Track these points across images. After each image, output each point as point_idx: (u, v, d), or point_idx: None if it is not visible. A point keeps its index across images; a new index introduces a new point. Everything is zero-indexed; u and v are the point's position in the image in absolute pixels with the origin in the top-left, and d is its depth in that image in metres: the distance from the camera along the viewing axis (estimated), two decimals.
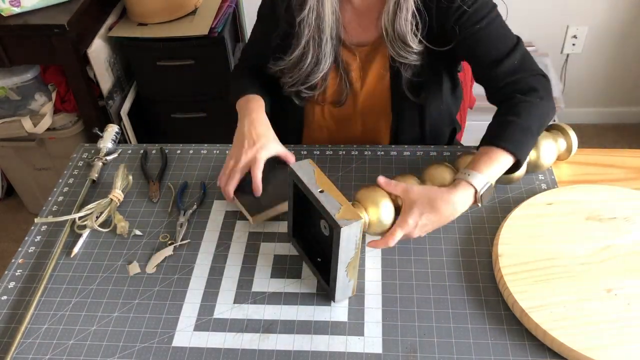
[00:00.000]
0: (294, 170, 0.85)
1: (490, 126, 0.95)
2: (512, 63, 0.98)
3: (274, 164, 1.03)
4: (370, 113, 1.16)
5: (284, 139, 1.06)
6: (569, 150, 1.04)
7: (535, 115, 0.93)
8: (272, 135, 1.02)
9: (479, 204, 0.89)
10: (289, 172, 0.87)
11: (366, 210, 0.87)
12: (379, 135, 1.19)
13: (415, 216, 0.85)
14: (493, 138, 0.91)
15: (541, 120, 0.94)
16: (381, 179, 0.89)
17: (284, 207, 0.98)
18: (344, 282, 0.83)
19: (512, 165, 0.91)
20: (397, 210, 0.88)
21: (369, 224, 0.87)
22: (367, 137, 1.19)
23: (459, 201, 0.86)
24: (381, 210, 0.87)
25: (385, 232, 0.87)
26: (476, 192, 0.87)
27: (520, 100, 0.95)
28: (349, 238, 0.78)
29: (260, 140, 0.99)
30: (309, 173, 0.84)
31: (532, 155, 0.98)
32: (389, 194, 0.89)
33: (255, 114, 1.04)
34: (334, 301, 0.86)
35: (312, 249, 0.92)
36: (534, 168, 1.01)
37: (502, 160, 0.90)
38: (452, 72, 1.14)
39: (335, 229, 0.77)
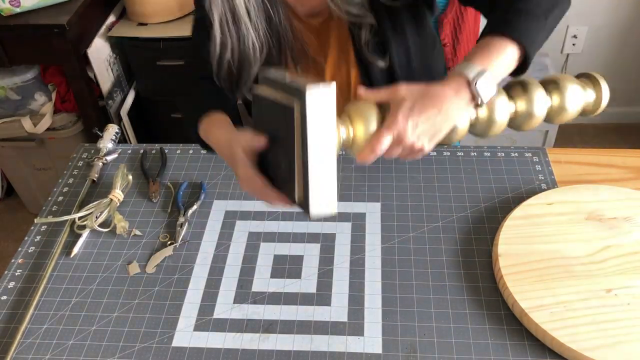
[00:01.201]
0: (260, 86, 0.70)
1: (486, 25, 0.81)
2: None
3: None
4: (340, 87, 0.97)
5: None
6: (597, 102, 0.89)
7: (539, 1, 0.78)
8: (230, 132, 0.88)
9: (478, 99, 0.74)
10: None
11: (351, 123, 0.73)
12: None
13: (404, 111, 0.71)
14: (488, 28, 0.79)
15: (550, 5, 0.78)
16: (361, 90, 0.75)
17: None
18: (318, 181, 0.65)
19: (522, 58, 0.78)
20: None
21: (353, 140, 0.73)
22: None
23: (451, 91, 0.73)
24: (369, 123, 0.72)
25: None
26: (469, 82, 0.74)
27: None
28: (320, 111, 0.61)
29: (229, 147, 0.84)
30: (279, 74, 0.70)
31: (555, 99, 0.85)
32: (379, 109, 0.74)
33: (212, 137, 0.92)
34: (308, 214, 0.68)
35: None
36: (557, 113, 0.87)
37: (500, 47, 0.76)
38: (420, 25, 0.97)
39: (297, 96, 0.61)
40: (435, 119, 0.72)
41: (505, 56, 0.76)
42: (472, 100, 0.75)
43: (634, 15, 2.20)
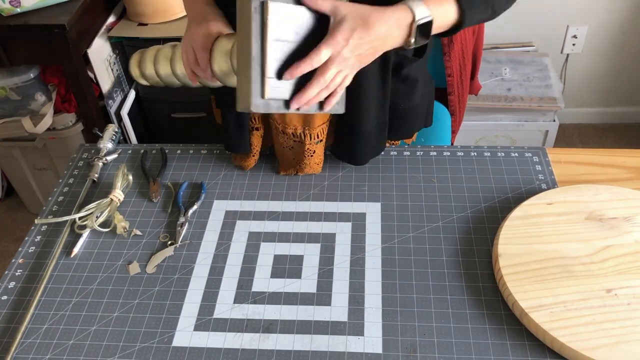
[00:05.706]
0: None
1: None
2: None
3: None
4: None
5: None
6: None
7: None
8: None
9: (412, 40, 0.77)
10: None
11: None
12: None
13: (345, 32, 0.73)
14: None
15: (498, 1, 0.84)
16: None
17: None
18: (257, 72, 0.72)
19: (453, 25, 0.81)
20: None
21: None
22: None
23: (394, 20, 0.75)
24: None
25: None
26: (414, 20, 0.76)
27: None
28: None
29: (207, 17, 0.86)
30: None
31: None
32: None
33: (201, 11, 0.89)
34: (249, 102, 0.73)
35: None
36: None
37: (448, 8, 0.79)
38: None
39: None
40: (372, 42, 0.74)
41: (447, 15, 0.79)
42: (406, 38, 0.78)
43: (634, 15, 2.20)
